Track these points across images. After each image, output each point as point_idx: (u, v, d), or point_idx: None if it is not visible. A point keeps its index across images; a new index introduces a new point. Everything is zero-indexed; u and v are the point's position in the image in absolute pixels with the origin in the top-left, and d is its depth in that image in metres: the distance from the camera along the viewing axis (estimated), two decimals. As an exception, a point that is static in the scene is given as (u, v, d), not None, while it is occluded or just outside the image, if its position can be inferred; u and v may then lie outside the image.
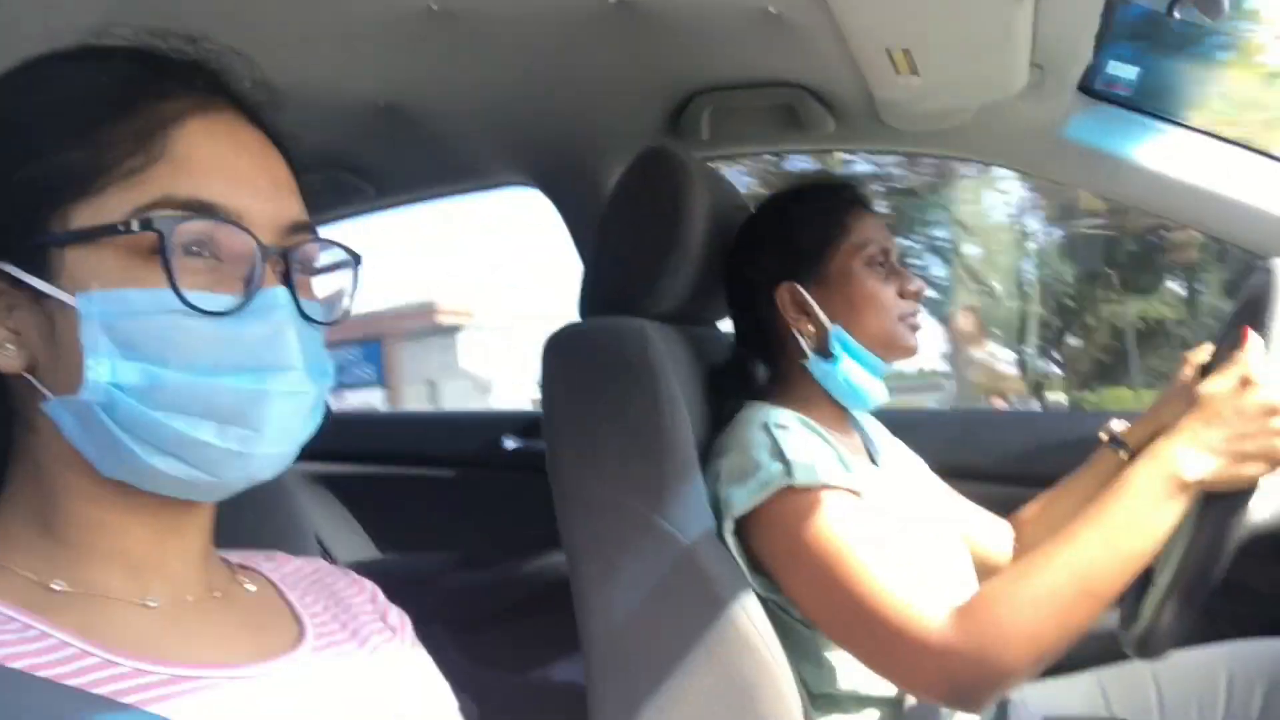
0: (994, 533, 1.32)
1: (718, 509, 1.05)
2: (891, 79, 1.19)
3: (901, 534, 1.07)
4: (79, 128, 0.52)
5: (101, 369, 0.50)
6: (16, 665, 0.47)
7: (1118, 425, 1.26)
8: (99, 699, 0.48)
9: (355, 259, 0.60)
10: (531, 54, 1.24)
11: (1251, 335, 0.92)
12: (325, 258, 0.59)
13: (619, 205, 1.22)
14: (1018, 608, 0.86)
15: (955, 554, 1.18)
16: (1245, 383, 0.90)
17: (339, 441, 2.20)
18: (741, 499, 1.01)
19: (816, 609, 0.99)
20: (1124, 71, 1.33)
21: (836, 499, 0.99)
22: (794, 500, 0.98)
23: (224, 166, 0.54)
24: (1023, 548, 1.32)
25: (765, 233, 1.18)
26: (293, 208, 0.57)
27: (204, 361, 0.51)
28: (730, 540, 1.04)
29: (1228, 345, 1.01)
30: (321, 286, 0.59)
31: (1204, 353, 1.16)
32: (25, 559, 0.53)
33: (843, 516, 0.98)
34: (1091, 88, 1.36)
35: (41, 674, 0.48)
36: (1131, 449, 1.22)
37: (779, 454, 1.00)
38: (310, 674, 0.59)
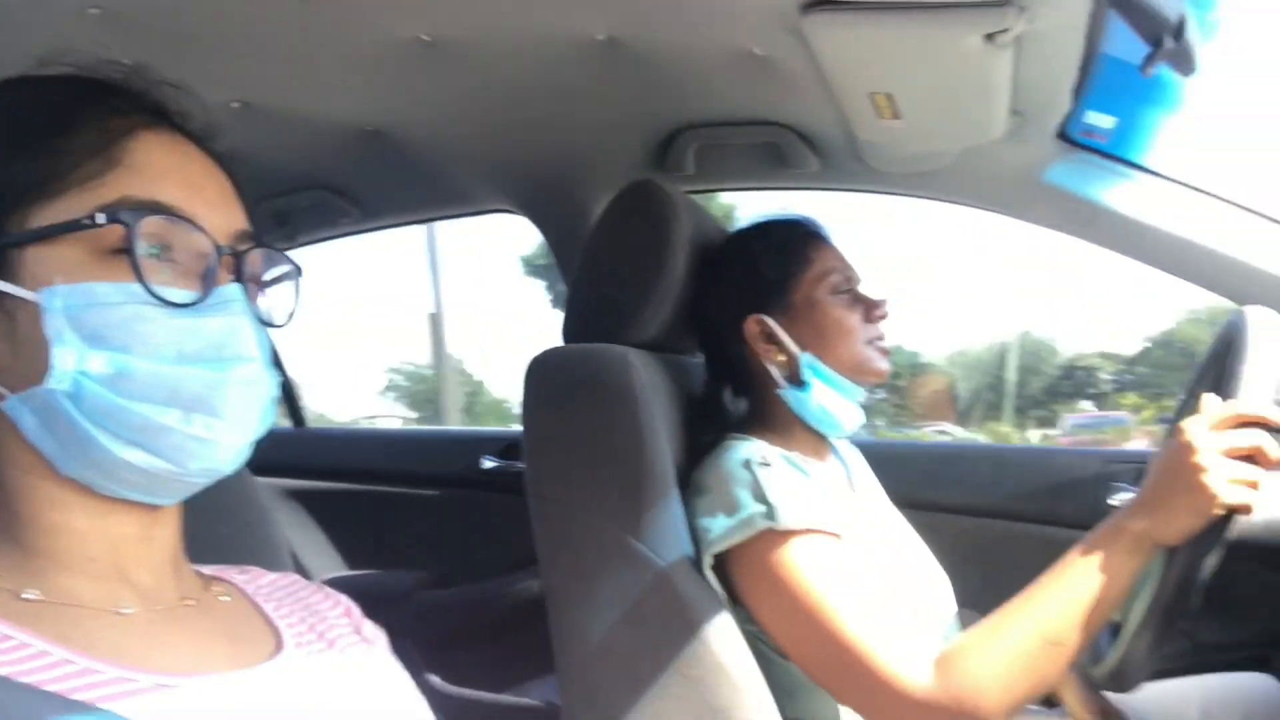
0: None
1: (696, 540, 1.06)
2: (874, 122, 1.22)
3: (881, 570, 1.08)
4: (31, 140, 0.54)
5: (67, 357, 0.51)
6: None
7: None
8: (83, 705, 0.48)
9: (297, 270, 0.64)
10: (520, 87, 1.26)
11: (1205, 397, 0.95)
12: (270, 270, 0.62)
13: (605, 234, 1.24)
14: (991, 660, 0.90)
15: (932, 577, 1.20)
16: (1177, 433, 0.92)
17: (314, 457, 2.20)
18: (721, 536, 1.02)
19: (797, 651, 1.00)
20: (1101, 120, 1.36)
21: (819, 543, 1.00)
22: (775, 542, 0.99)
23: (176, 174, 0.57)
24: None
25: (730, 268, 1.21)
26: (240, 218, 0.60)
27: (168, 351, 0.53)
28: (709, 574, 1.05)
29: (1190, 401, 1.04)
30: (268, 297, 0.62)
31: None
32: None
33: (824, 561, 0.99)
34: (1070, 135, 1.39)
35: (22, 680, 0.48)
36: None
37: (760, 494, 1.01)
38: (294, 679, 0.60)
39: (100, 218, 0.52)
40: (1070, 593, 0.91)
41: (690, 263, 1.19)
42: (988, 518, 1.65)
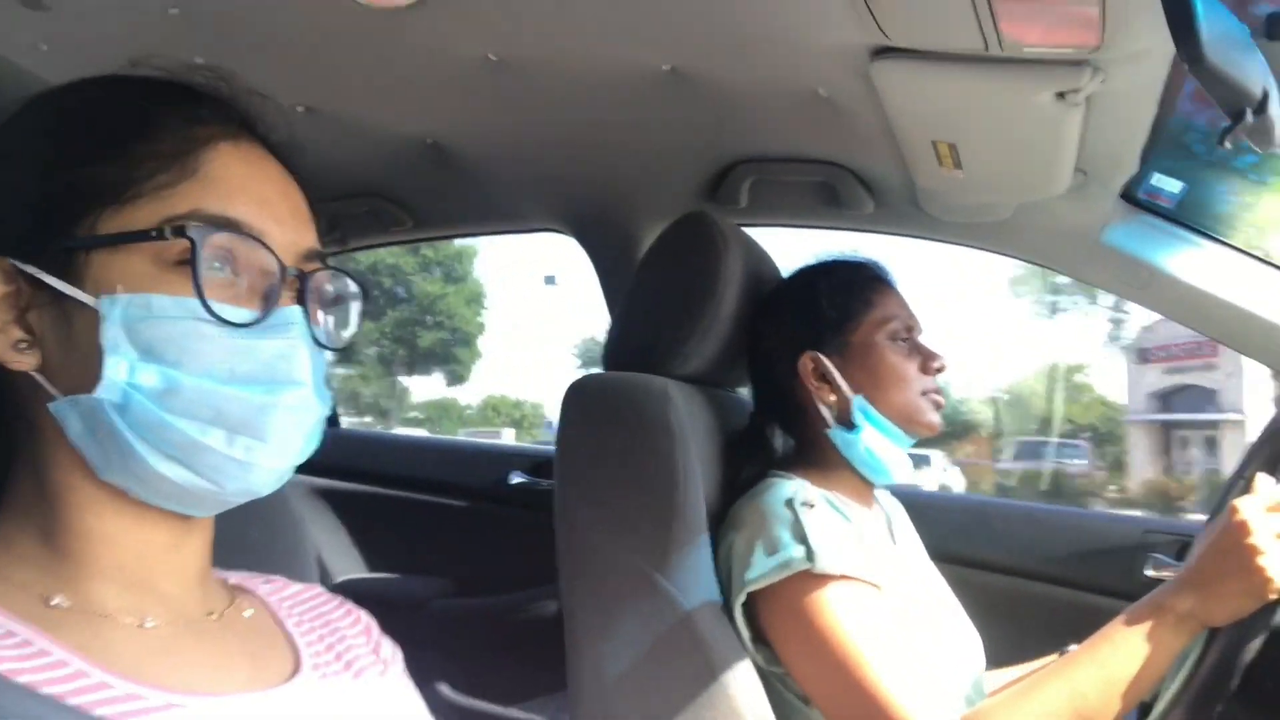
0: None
1: (728, 576, 1.05)
2: (934, 170, 1.21)
3: (915, 623, 1.06)
4: (111, 143, 0.54)
5: (120, 368, 0.51)
6: (18, 680, 0.47)
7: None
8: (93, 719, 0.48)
9: (364, 292, 0.63)
10: (581, 111, 1.27)
11: (1260, 477, 0.92)
12: (335, 288, 0.61)
13: (654, 263, 1.24)
14: None
15: (964, 634, 1.18)
16: (1232, 512, 0.89)
17: (344, 458, 2.21)
18: (757, 574, 1.01)
19: (820, 696, 0.99)
20: (1167, 184, 1.34)
21: (855, 591, 0.99)
22: (811, 584, 0.98)
23: (250, 189, 0.56)
24: None
25: (790, 303, 1.20)
26: (309, 236, 0.59)
27: (220, 370, 0.52)
28: (738, 611, 1.03)
29: (1240, 484, 1.01)
30: (331, 316, 0.62)
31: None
32: (25, 570, 0.54)
33: (858, 609, 0.98)
34: (1134, 196, 1.37)
35: (42, 691, 0.48)
36: None
37: (802, 535, 1.00)
38: (305, 709, 0.59)
39: (167, 231, 0.52)
40: (1107, 668, 0.89)
41: (740, 297, 1.18)
42: (1021, 578, 1.62)
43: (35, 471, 0.55)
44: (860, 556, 1.01)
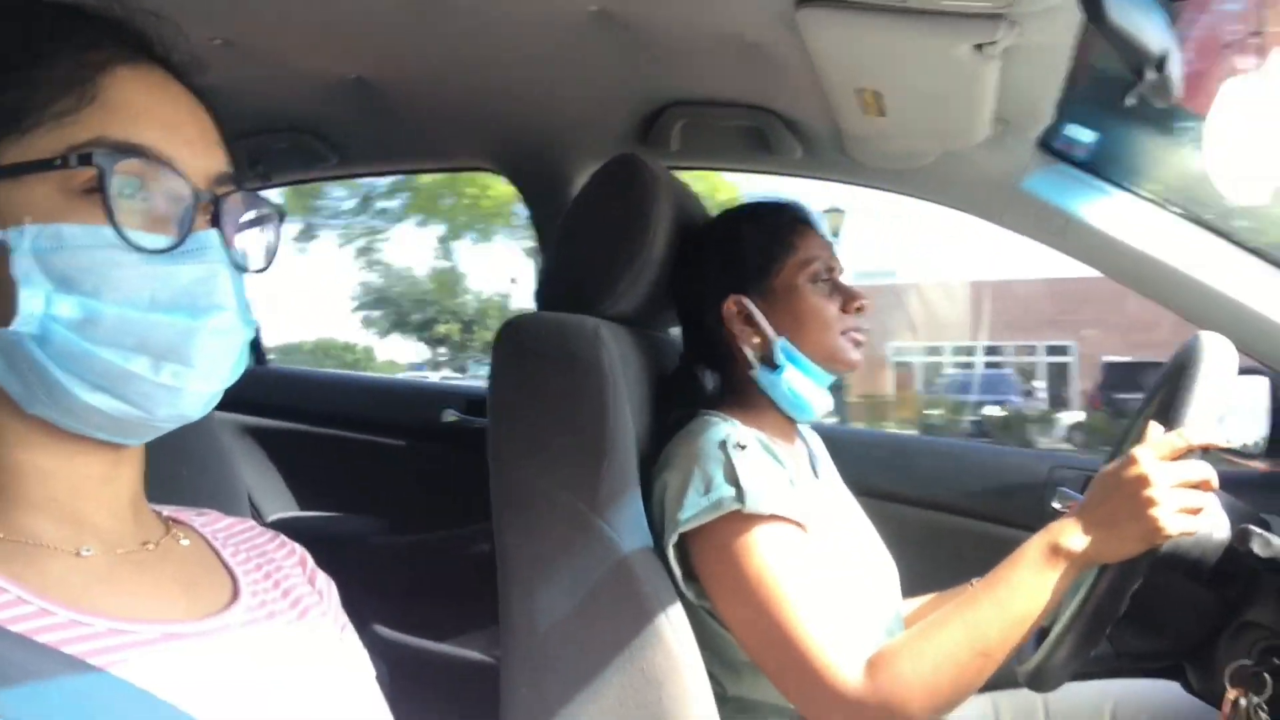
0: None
1: (660, 515, 1.08)
2: (859, 117, 1.23)
3: (836, 560, 1.11)
4: (6, 70, 0.52)
5: (36, 301, 0.50)
6: None
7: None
8: (40, 646, 0.48)
9: (279, 214, 0.62)
10: (510, 48, 1.25)
11: (1151, 425, 0.97)
12: (250, 210, 0.60)
13: (586, 205, 1.24)
14: (919, 665, 0.94)
15: (882, 566, 1.23)
16: (1130, 461, 0.94)
17: (273, 395, 2.18)
18: (690, 514, 1.04)
19: (744, 633, 1.03)
20: (1082, 134, 1.38)
21: (782, 531, 1.02)
22: (741, 525, 1.02)
23: (155, 114, 0.55)
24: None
25: (714, 247, 1.22)
26: (221, 159, 0.58)
27: (140, 297, 0.52)
28: (670, 550, 1.06)
29: (1140, 421, 1.07)
30: (248, 239, 0.61)
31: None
32: None
33: (785, 549, 1.01)
34: (1050, 146, 1.41)
35: None
36: None
37: (734, 476, 1.03)
38: (245, 634, 0.60)
39: (73, 159, 0.50)
40: (1003, 606, 0.94)
41: (670, 239, 1.20)
42: (937, 510, 1.68)
43: None
44: (789, 498, 1.05)
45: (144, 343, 0.52)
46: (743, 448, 1.06)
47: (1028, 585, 0.94)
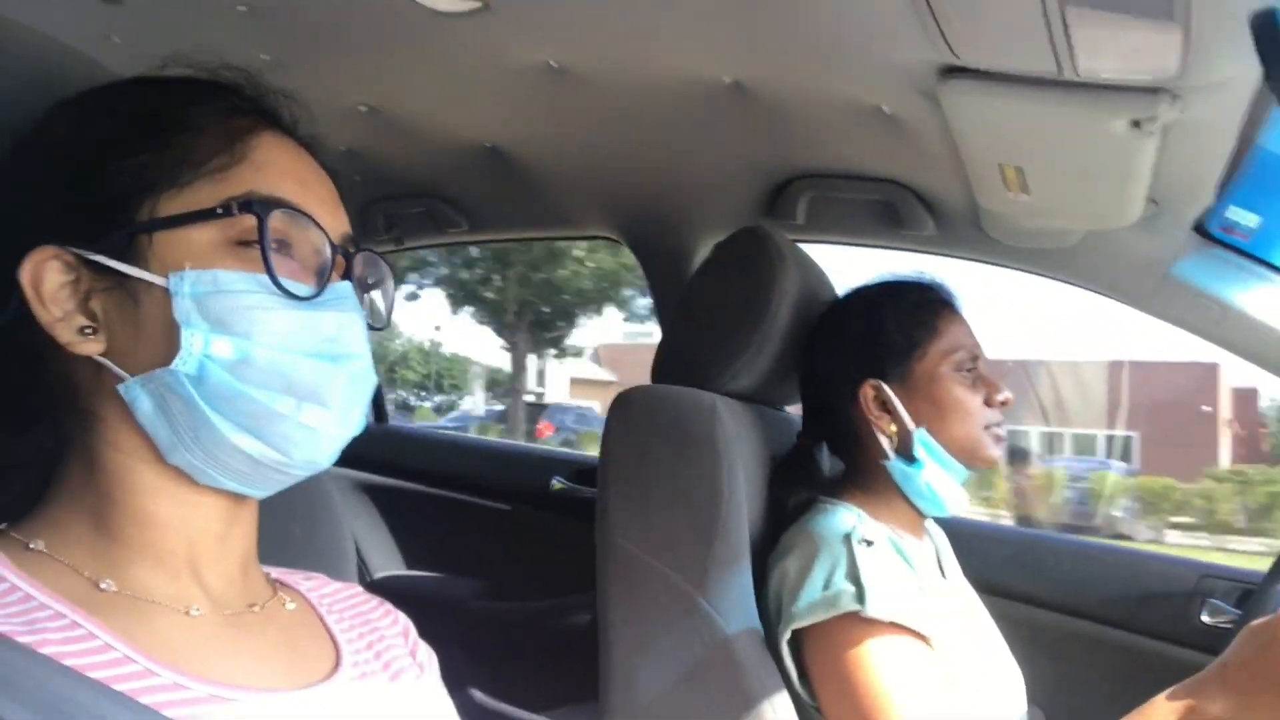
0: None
1: (777, 604, 1.03)
2: (1000, 193, 1.18)
3: (958, 667, 1.03)
4: (163, 132, 0.56)
5: (196, 340, 0.52)
6: (65, 663, 0.48)
7: None
8: (144, 709, 0.48)
9: (395, 277, 0.66)
10: (640, 120, 1.26)
11: None
12: (371, 270, 0.64)
13: (708, 276, 1.23)
14: None
15: (1006, 671, 1.15)
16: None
17: (387, 453, 2.23)
18: (805, 610, 0.99)
19: None
20: (1244, 218, 1.29)
21: (901, 641, 0.96)
22: (858, 628, 0.96)
23: (295, 173, 0.59)
24: None
25: (853, 326, 1.16)
26: (345, 222, 0.62)
27: (288, 341, 0.54)
28: (784, 643, 1.01)
29: None
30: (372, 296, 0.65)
31: None
32: (77, 554, 0.54)
33: (901, 661, 0.95)
34: (1208, 229, 1.32)
35: (88, 675, 0.48)
36: None
37: (855, 575, 0.98)
38: (345, 707, 0.59)
39: (235, 208, 0.54)
40: None
41: (794, 314, 1.16)
42: (1069, 615, 1.57)
43: (94, 459, 0.55)
44: (914, 605, 0.98)
45: (290, 385, 0.54)
46: (869, 544, 1.01)
47: None
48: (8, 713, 0.44)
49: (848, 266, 1.25)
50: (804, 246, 1.29)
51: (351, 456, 0.60)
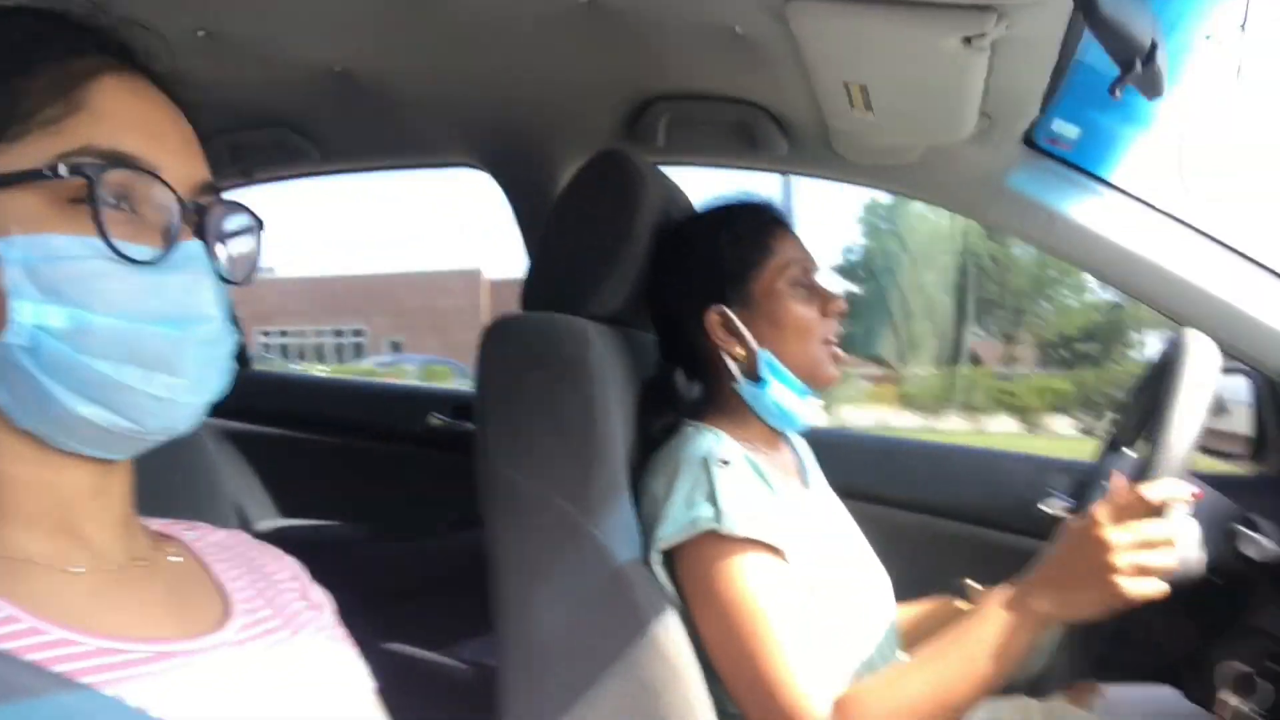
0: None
1: (647, 527, 1.06)
2: (846, 112, 1.22)
3: (820, 582, 1.08)
4: None
5: (26, 311, 0.50)
6: None
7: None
8: (27, 664, 0.48)
9: (259, 224, 0.62)
10: (496, 42, 1.24)
11: (1115, 475, 0.97)
12: (232, 222, 0.60)
13: (571, 202, 1.22)
14: (885, 710, 0.95)
15: (873, 577, 1.21)
16: (1092, 524, 0.94)
17: (256, 400, 2.16)
18: (668, 531, 1.02)
19: (715, 656, 1.02)
20: (1066, 129, 1.38)
21: (758, 556, 1.00)
22: (717, 545, 1.00)
23: (140, 122, 0.55)
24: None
25: (692, 253, 1.18)
26: (201, 169, 0.58)
27: (129, 308, 0.51)
28: (657, 565, 1.05)
29: (1125, 423, 1.05)
30: (230, 248, 0.61)
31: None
32: None
33: (760, 575, 1.00)
34: (1036, 141, 1.41)
35: None
36: None
37: (712, 495, 1.01)
38: (237, 654, 0.59)
39: (62, 169, 0.50)
40: (969, 662, 0.95)
41: (656, 237, 1.18)
42: (927, 514, 1.68)
43: None
44: (770, 521, 1.02)
45: (134, 353, 0.52)
46: (726, 464, 1.04)
47: (992, 643, 0.94)
48: None
49: (711, 190, 1.26)
50: (666, 170, 1.30)
51: (218, 404, 0.59)
